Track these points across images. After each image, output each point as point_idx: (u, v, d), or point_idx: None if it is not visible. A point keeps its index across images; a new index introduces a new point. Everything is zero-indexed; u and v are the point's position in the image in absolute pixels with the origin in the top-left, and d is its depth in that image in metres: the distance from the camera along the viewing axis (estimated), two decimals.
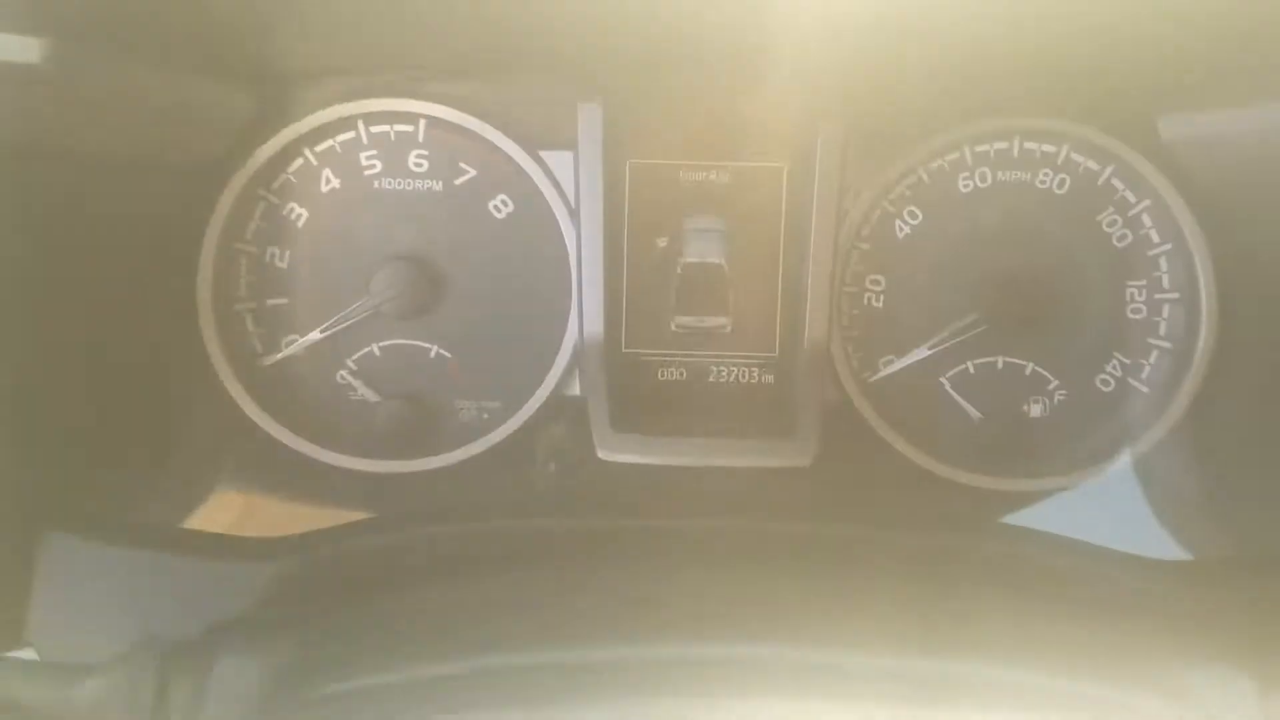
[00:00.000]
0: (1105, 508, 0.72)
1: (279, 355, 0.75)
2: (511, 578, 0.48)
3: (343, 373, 0.76)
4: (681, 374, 0.77)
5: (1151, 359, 0.75)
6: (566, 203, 0.75)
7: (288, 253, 0.76)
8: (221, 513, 0.71)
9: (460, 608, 0.48)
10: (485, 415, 0.76)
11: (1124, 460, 0.74)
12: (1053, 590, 0.52)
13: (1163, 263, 0.74)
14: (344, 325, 0.75)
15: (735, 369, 0.77)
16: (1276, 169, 0.66)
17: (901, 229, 0.76)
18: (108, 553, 0.57)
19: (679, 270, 0.76)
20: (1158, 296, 0.75)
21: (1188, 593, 0.54)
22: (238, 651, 0.44)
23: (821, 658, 0.38)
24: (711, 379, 0.77)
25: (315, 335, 0.75)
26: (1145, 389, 0.75)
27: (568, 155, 0.74)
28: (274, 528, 0.67)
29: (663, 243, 0.76)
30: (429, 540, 0.61)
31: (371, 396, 0.76)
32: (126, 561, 0.57)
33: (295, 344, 0.75)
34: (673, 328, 0.76)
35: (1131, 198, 0.74)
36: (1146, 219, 0.74)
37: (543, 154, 0.75)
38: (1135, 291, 0.75)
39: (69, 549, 0.57)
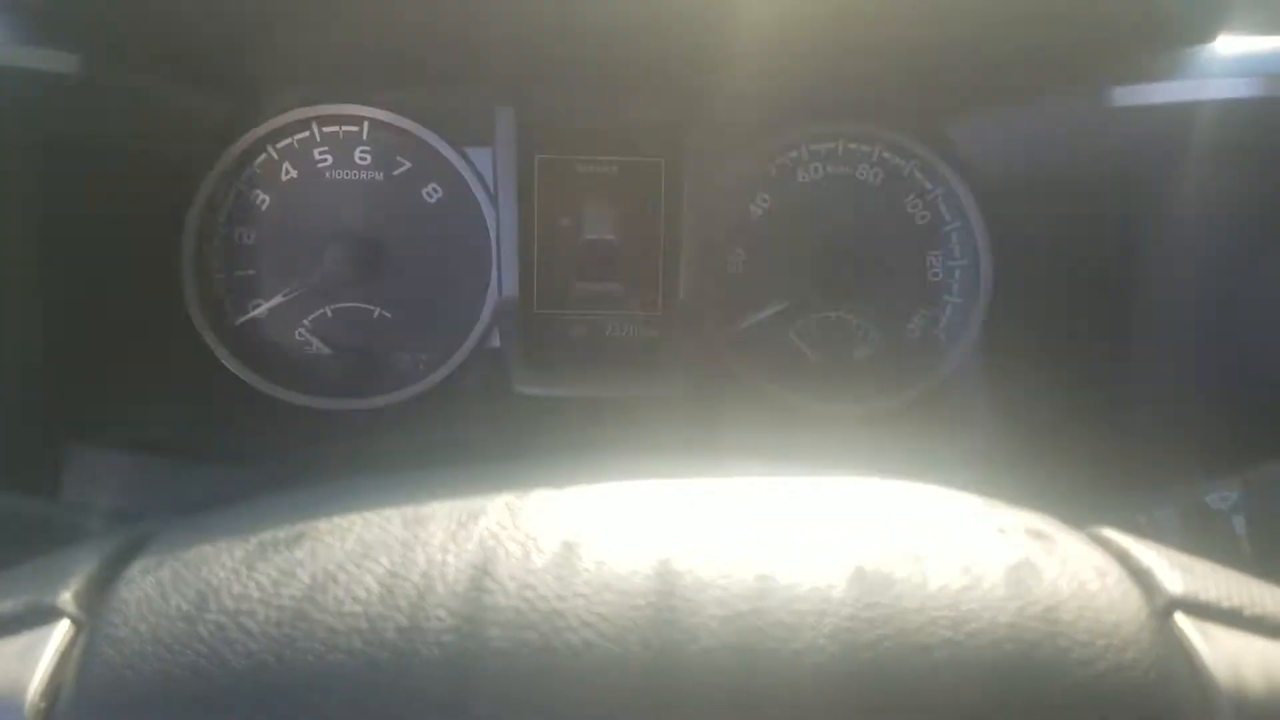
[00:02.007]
0: (912, 423, 0.94)
1: (247, 316, 0.91)
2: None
3: (300, 330, 0.92)
4: (584, 330, 0.93)
5: (947, 312, 0.95)
6: (487, 190, 0.91)
7: (254, 232, 0.91)
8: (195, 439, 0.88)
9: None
10: (420, 365, 0.93)
11: (925, 387, 0.94)
12: None
13: (953, 237, 0.94)
14: (301, 291, 0.90)
15: (627, 325, 0.93)
16: (1035, 159, 0.89)
17: (755, 211, 0.94)
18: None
19: (580, 245, 0.91)
20: (950, 263, 0.94)
21: None
22: None
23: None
24: (608, 333, 0.93)
25: (277, 299, 0.90)
26: (943, 335, 0.95)
27: (487, 151, 0.89)
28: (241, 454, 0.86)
29: (566, 222, 0.91)
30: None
31: (325, 350, 0.92)
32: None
33: (260, 307, 0.91)
34: (576, 292, 0.91)
35: (929, 186, 0.93)
36: (941, 203, 0.93)
37: (467, 150, 0.90)
38: (934, 259, 0.94)
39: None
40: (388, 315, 0.92)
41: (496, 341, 0.93)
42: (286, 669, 0.31)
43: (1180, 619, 0.35)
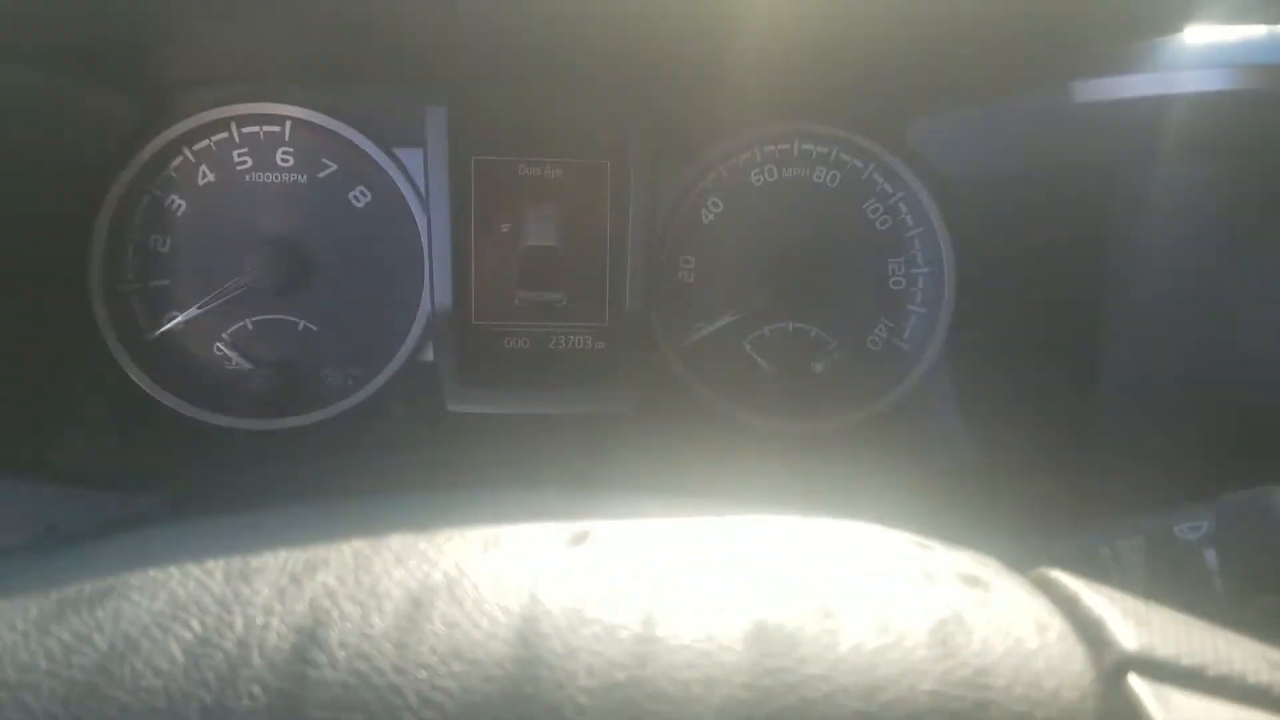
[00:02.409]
0: (873, 441, 0.90)
1: (161, 329, 0.86)
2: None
3: (219, 344, 0.87)
4: (525, 342, 0.89)
5: (910, 322, 0.92)
6: (418, 193, 0.87)
7: (169, 239, 0.86)
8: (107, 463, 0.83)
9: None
10: (349, 380, 0.89)
11: (888, 402, 0.91)
12: None
13: (916, 242, 0.91)
14: (220, 302, 0.86)
15: (571, 337, 0.89)
16: (998, 163, 0.85)
17: (706, 216, 0.90)
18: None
19: (520, 252, 0.86)
20: (913, 270, 0.91)
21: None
22: None
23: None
24: (551, 345, 0.89)
25: (194, 311, 0.86)
26: (906, 346, 0.92)
27: (418, 152, 0.85)
28: (155, 479, 0.81)
29: (505, 228, 0.87)
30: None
31: (245, 365, 0.87)
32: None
33: (176, 320, 0.86)
34: (516, 302, 0.87)
35: (889, 189, 0.90)
36: (902, 207, 0.90)
37: (396, 151, 0.87)
38: (896, 266, 0.91)
39: None
40: (313, 327, 0.88)
41: (430, 355, 0.89)
42: None
43: (1134, 681, 0.31)
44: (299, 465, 0.82)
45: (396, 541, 0.33)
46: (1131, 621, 0.33)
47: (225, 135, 0.86)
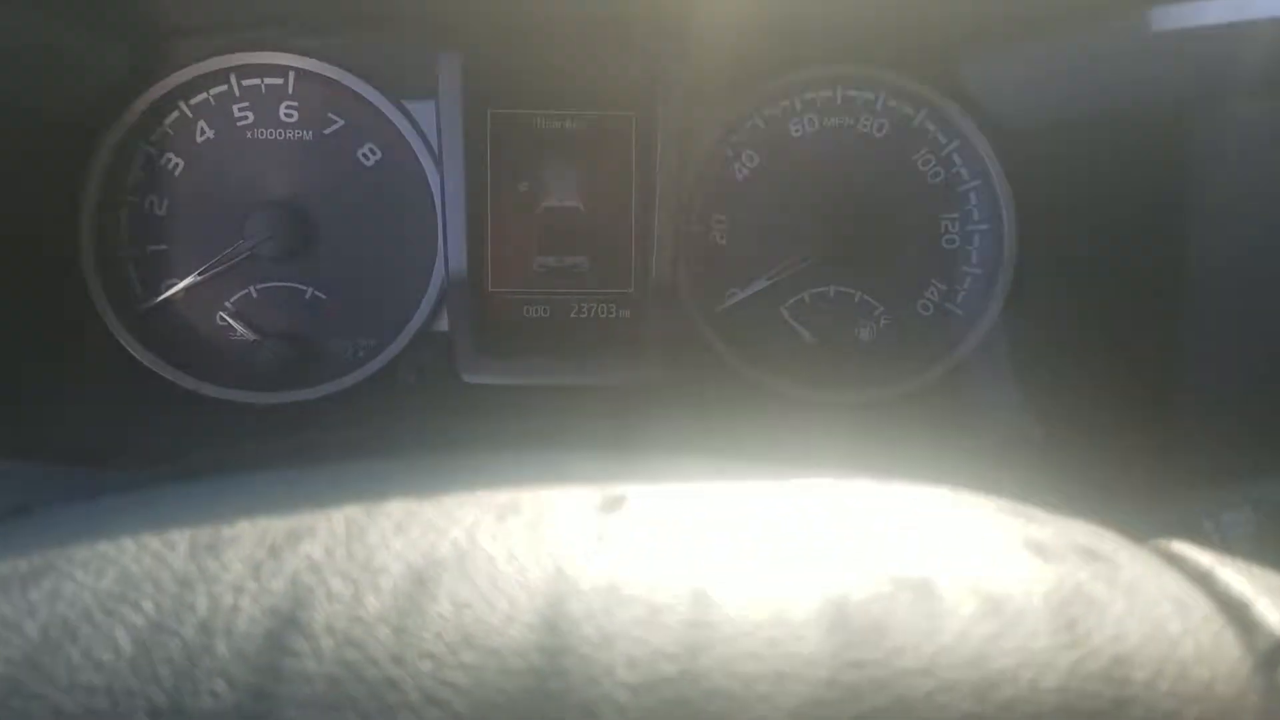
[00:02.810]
0: (922, 413, 0.85)
1: (159, 298, 0.82)
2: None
3: (221, 314, 0.83)
4: (544, 311, 0.85)
5: (964, 284, 0.86)
6: (431, 150, 0.82)
7: (166, 201, 0.82)
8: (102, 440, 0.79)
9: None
10: (360, 352, 0.85)
11: (939, 371, 0.85)
12: None
13: (972, 197, 0.86)
14: (221, 269, 0.82)
15: (594, 305, 0.85)
16: (1063, 106, 0.79)
17: (740, 171, 0.86)
18: None
19: (539, 213, 0.83)
20: (969, 228, 0.86)
21: None
22: None
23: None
24: (572, 314, 0.85)
25: (193, 279, 0.82)
26: (960, 311, 0.87)
27: (430, 105, 0.81)
28: (155, 456, 0.77)
29: (524, 187, 0.83)
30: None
31: (249, 336, 0.83)
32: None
33: (174, 288, 0.82)
34: (535, 267, 0.83)
35: (942, 139, 0.85)
36: (956, 158, 0.85)
37: (406, 104, 0.82)
38: (949, 224, 0.86)
39: None
40: (320, 295, 0.84)
41: (444, 324, 0.85)
42: None
43: None
44: (302, 439, 0.78)
45: (396, 507, 0.28)
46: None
47: (224, 88, 0.82)
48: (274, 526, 0.27)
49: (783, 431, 0.79)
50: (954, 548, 0.27)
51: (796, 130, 0.86)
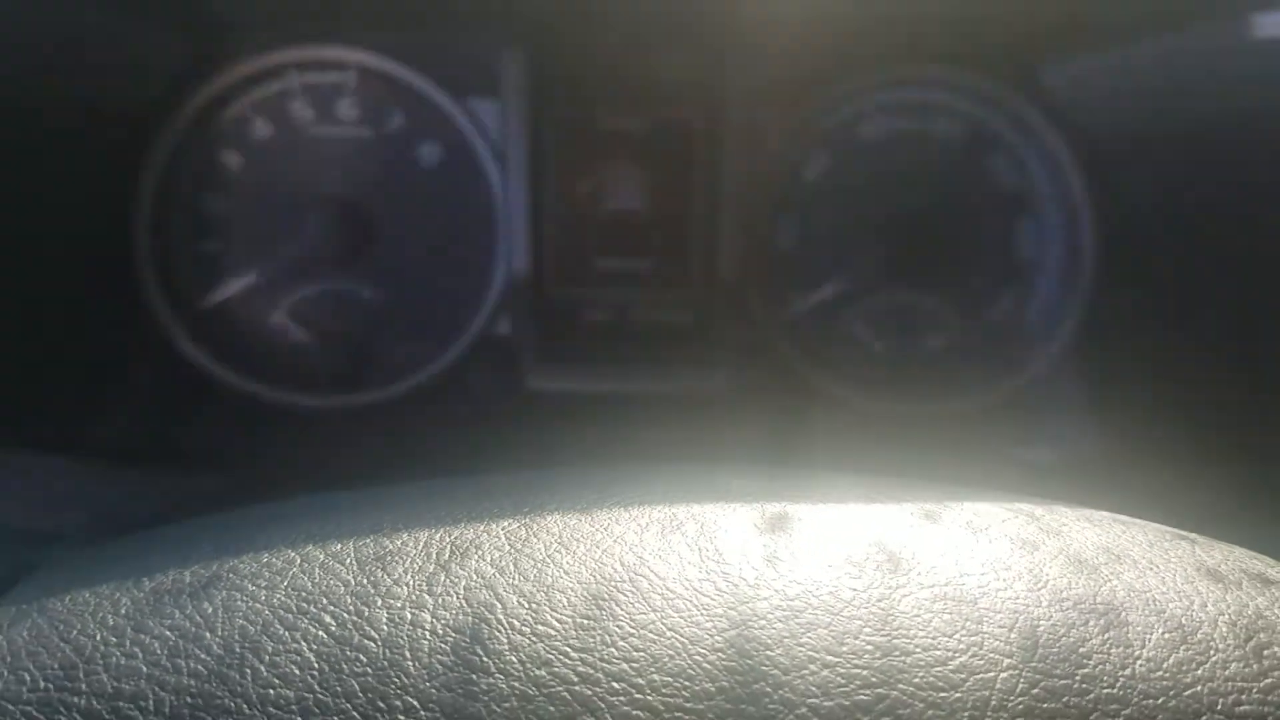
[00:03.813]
0: (992, 428, 0.84)
1: (215, 299, 0.83)
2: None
3: (278, 315, 0.84)
4: (606, 315, 0.85)
5: (1040, 294, 0.86)
6: (493, 150, 0.83)
7: (222, 199, 0.83)
8: (158, 442, 0.80)
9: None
10: (417, 355, 0.85)
11: (1011, 385, 0.85)
12: None
13: (1049, 204, 0.85)
14: (278, 269, 0.82)
15: (657, 309, 0.85)
16: (1147, 109, 0.79)
17: (809, 174, 0.85)
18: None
19: (602, 215, 0.83)
20: (1044, 236, 0.85)
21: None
22: None
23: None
24: (634, 318, 0.85)
25: (250, 279, 0.82)
26: (1034, 322, 0.86)
27: (494, 104, 0.82)
28: (211, 458, 0.78)
29: (586, 189, 0.83)
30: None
31: (306, 338, 0.84)
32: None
33: (230, 288, 0.82)
34: (596, 270, 0.84)
35: (1019, 142, 0.84)
36: (1033, 163, 0.85)
37: (470, 102, 0.83)
38: (1024, 231, 0.85)
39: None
40: (379, 297, 0.85)
41: (505, 328, 0.85)
42: None
43: None
44: (373, 445, 0.78)
45: (553, 521, 0.28)
46: None
47: (285, 84, 0.82)
48: (435, 539, 0.27)
49: (859, 443, 0.79)
50: (1131, 573, 0.27)
51: (867, 132, 0.86)
